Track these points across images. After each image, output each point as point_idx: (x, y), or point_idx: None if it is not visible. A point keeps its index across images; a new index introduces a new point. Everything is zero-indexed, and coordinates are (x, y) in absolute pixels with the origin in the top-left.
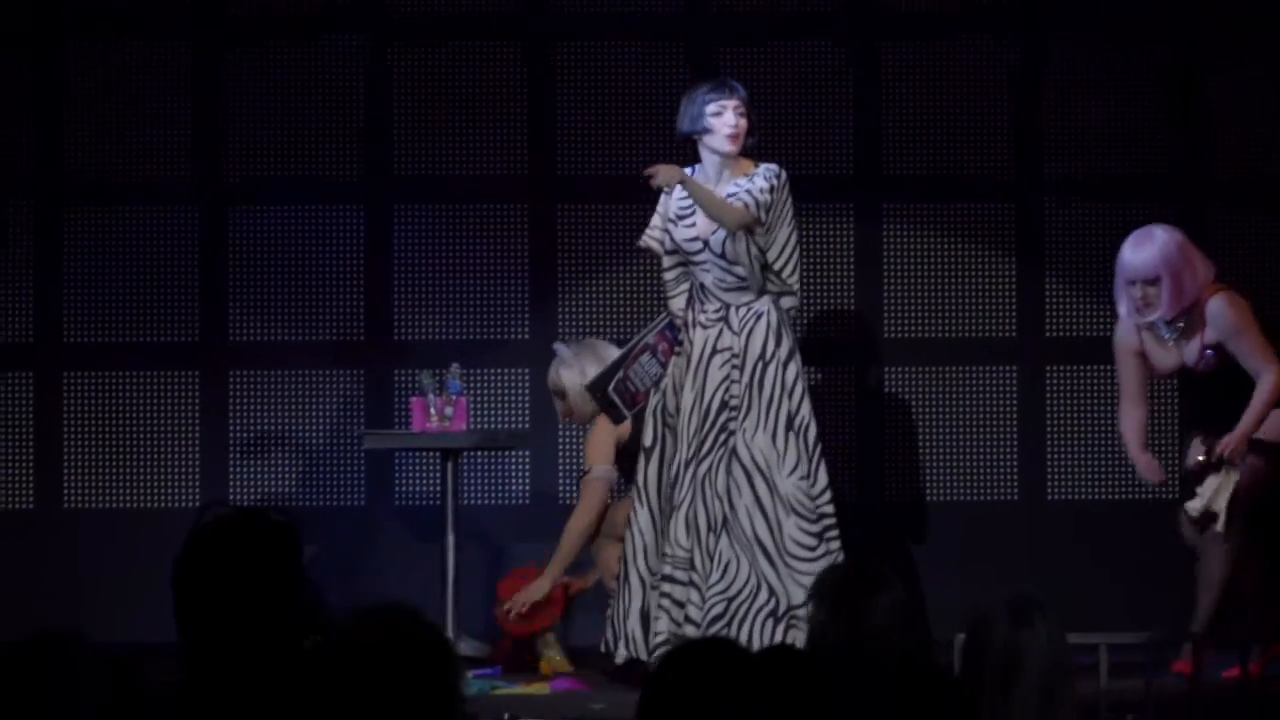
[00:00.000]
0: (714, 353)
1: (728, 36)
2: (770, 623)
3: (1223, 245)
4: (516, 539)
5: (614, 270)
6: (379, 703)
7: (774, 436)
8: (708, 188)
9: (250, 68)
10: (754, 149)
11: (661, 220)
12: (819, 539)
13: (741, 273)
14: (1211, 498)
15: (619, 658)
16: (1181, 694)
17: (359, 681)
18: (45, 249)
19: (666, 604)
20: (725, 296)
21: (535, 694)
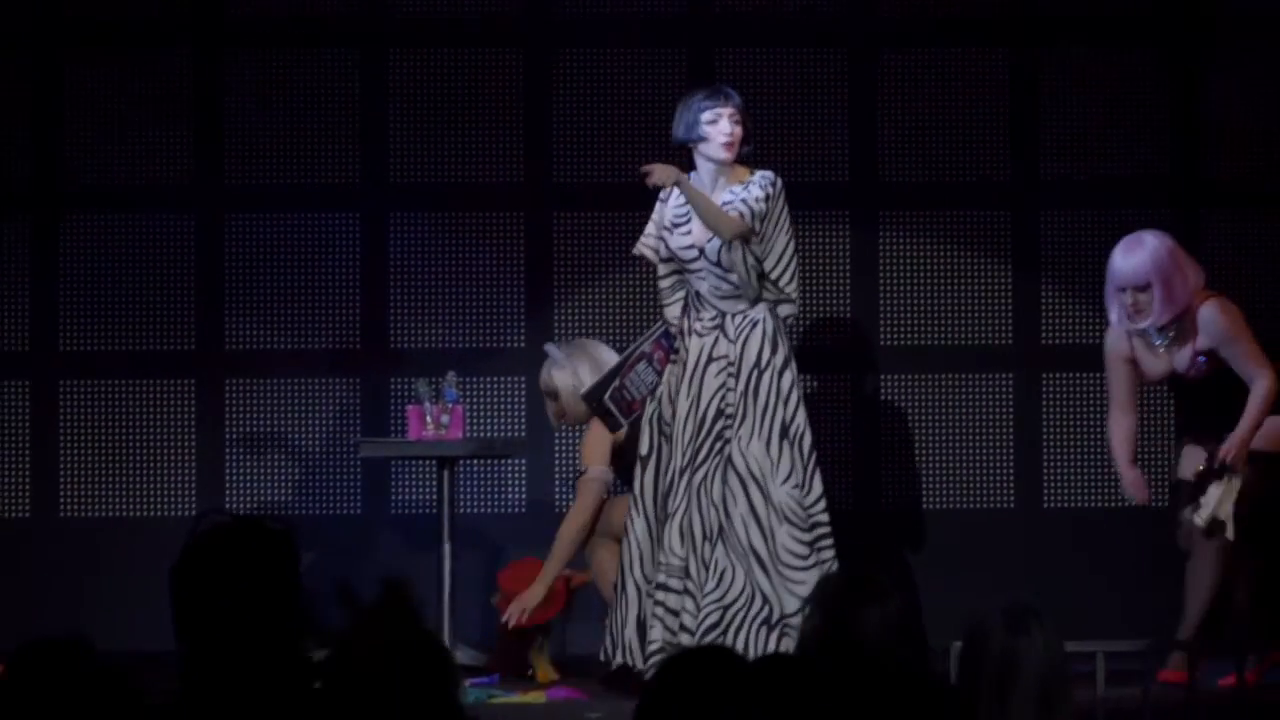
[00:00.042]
0: (709, 361)
1: (722, 44)
2: (764, 631)
3: (1217, 250)
4: (513, 547)
5: (610, 278)
6: (377, 712)
7: (769, 445)
8: (705, 194)
9: (247, 75)
10: (750, 156)
11: (656, 228)
12: (811, 548)
13: (736, 280)
14: (1217, 506)
15: (614, 665)
16: (1178, 702)
17: (357, 690)
18: (41, 256)
19: (660, 612)
20: (721, 304)
21: (532, 702)
